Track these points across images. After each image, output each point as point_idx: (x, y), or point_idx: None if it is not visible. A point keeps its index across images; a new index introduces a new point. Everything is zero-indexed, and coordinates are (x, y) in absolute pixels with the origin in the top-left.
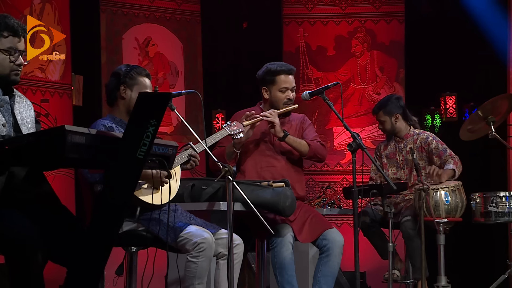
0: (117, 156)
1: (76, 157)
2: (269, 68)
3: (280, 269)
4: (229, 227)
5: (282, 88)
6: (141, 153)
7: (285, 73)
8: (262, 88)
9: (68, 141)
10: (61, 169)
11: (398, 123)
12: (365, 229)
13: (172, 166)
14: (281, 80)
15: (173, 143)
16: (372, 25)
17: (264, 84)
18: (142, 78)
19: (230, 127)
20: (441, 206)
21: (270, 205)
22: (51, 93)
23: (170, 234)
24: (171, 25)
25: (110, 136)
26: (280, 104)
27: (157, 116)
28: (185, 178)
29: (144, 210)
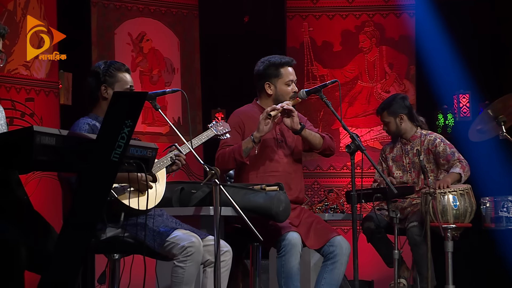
0: (90, 158)
1: (46, 160)
2: (272, 62)
3: (286, 278)
4: (216, 233)
5: (288, 81)
6: (115, 155)
7: (289, 65)
8: (265, 84)
9: (36, 143)
10: (47, 172)
11: (403, 124)
12: (370, 235)
13: (151, 169)
14: (287, 72)
15: (153, 145)
16: (381, 19)
17: (267, 79)
18: (122, 74)
19: (216, 127)
20: (449, 211)
21: (263, 210)
22: (36, 91)
23: (156, 240)
24: (167, 19)
25: (83, 137)
26: (287, 98)
27: (132, 116)
28: (174, 182)
29: (128, 215)
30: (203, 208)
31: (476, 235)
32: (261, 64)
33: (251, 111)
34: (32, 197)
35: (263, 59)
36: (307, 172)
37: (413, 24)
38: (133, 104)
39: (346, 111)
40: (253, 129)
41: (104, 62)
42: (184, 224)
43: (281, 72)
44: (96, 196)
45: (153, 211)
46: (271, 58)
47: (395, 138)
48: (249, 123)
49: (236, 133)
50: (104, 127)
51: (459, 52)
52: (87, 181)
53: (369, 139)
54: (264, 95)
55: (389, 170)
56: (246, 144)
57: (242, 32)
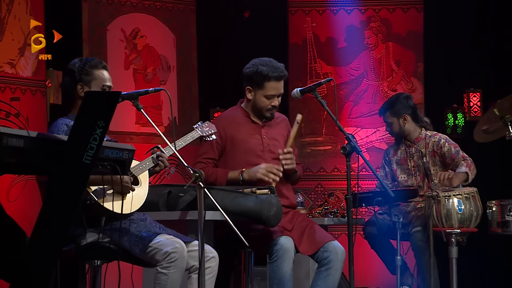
0: (61, 161)
1: (14, 162)
2: (259, 71)
3: (278, 285)
4: (199, 237)
5: (268, 95)
6: (87, 157)
7: (276, 79)
8: (246, 87)
9: (3, 145)
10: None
11: (407, 125)
12: (372, 240)
13: (128, 171)
14: (271, 87)
15: (129, 147)
16: (387, 14)
17: (250, 84)
18: (98, 71)
19: (201, 128)
20: (453, 215)
21: (253, 214)
22: (22, 90)
23: (138, 245)
24: (162, 14)
25: (53, 139)
26: (263, 111)
27: (105, 117)
28: (162, 185)
29: (110, 219)
30: (189, 212)
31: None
32: (250, 66)
33: (234, 115)
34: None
35: (254, 61)
36: (310, 174)
37: (421, 19)
38: (106, 104)
39: (351, 110)
40: (236, 134)
41: (79, 60)
42: (168, 229)
43: (264, 85)
44: (67, 200)
45: (135, 215)
46: (261, 66)
47: (399, 139)
48: (232, 128)
49: (217, 142)
50: (75, 128)
51: (470, 47)
52: (58, 184)
53: (375, 140)
54: (247, 99)
55: (393, 174)
56: (232, 179)
57: (242, 28)
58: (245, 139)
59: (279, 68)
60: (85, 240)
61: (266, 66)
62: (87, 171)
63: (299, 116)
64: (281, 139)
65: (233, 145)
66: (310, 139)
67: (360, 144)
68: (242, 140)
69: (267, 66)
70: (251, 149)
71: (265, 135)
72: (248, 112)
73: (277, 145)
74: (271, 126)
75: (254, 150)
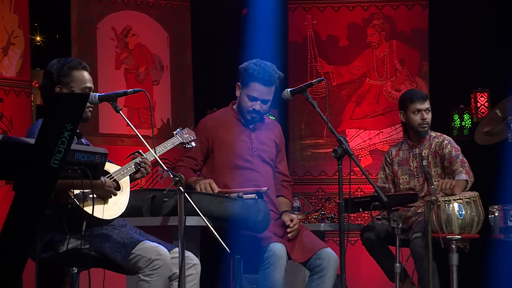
0: (28, 165)
1: None
2: (248, 68)
3: None
4: (180, 244)
5: (250, 96)
6: (55, 161)
7: (260, 81)
8: (237, 84)
9: None
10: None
11: None
12: (370, 247)
13: (100, 175)
14: (253, 88)
15: (102, 150)
16: (391, 11)
17: (239, 81)
18: (78, 72)
19: (181, 134)
20: (454, 221)
21: (240, 219)
22: (5, 91)
23: (120, 252)
24: (155, 12)
25: (20, 143)
26: (244, 112)
27: (73, 119)
28: (146, 189)
29: (91, 225)
30: (173, 218)
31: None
32: (246, 63)
33: (223, 116)
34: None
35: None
36: (310, 178)
37: (426, 16)
38: (74, 106)
39: (353, 111)
40: (225, 136)
41: (58, 61)
42: (149, 235)
43: (249, 84)
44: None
45: (115, 221)
46: (252, 65)
47: (424, 134)
48: (220, 130)
49: (199, 144)
50: (42, 131)
51: (477, 46)
52: (25, 189)
53: (378, 142)
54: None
55: (394, 175)
56: (191, 184)
57: (239, 25)
58: (233, 142)
59: (269, 73)
60: (65, 246)
61: (257, 66)
62: (55, 175)
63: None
64: (270, 144)
65: (220, 147)
66: (311, 141)
67: (362, 147)
68: (230, 142)
69: (258, 67)
70: (240, 152)
71: (254, 139)
72: (239, 114)
73: (266, 150)
74: (261, 129)
75: (242, 154)
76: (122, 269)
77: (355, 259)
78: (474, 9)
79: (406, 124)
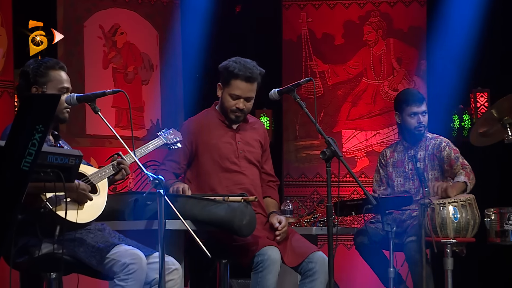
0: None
1: None
2: (228, 66)
3: None
4: (160, 248)
5: (233, 94)
6: (26, 164)
7: (242, 79)
8: (218, 84)
9: None
10: None
11: None
12: (364, 251)
13: (74, 178)
14: (235, 86)
15: (76, 152)
16: (388, 8)
17: (220, 80)
18: (55, 72)
19: (166, 135)
20: (448, 224)
21: (224, 223)
22: None
23: (95, 256)
24: (144, 9)
25: None
26: (228, 111)
27: (44, 121)
28: (128, 192)
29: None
30: (154, 222)
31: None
32: (225, 62)
33: (206, 119)
34: None
35: (232, 58)
36: (305, 180)
37: (424, 13)
38: (45, 107)
39: (349, 111)
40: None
41: (34, 60)
42: (129, 239)
43: (230, 83)
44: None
45: (92, 225)
46: (232, 63)
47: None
48: (204, 132)
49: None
50: (12, 133)
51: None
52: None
53: (375, 143)
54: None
55: (388, 177)
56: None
57: (232, 23)
58: (218, 145)
59: (250, 69)
60: (39, 251)
61: (238, 64)
62: (25, 178)
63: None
64: (255, 145)
65: (205, 150)
66: (306, 143)
67: (359, 148)
68: (215, 145)
69: (238, 64)
70: (226, 155)
71: (239, 141)
72: (222, 115)
73: (252, 151)
74: (246, 130)
75: (228, 156)
76: (98, 274)
77: (351, 263)
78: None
79: (401, 126)
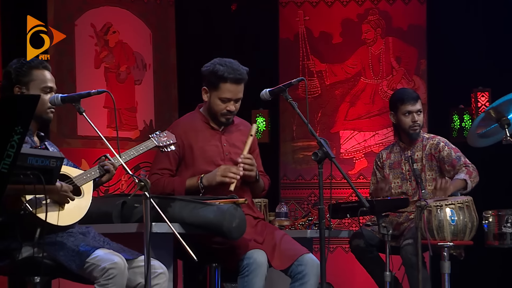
0: None
1: None
2: (215, 70)
3: None
4: (145, 252)
5: (223, 98)
6: (4, 166)
7: (232, 81)
8: (203, 88)
9: None
10: None
11: None
12: (360, 254)
13: (55, 180)
14: (225, 89)
15: (58, 154)
16: (387, 6)
17: (206, 84)
18: (38, 71)
19: (158, 137)
20: (445, 227)
21: (213, 226)
22: None
23: (75, 260)
24: (137, 8)
25: None
26: (218, 115)
27: (23, 122)
28: (116, 195)
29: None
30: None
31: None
32: (209, 65)
33: (191, 122)
34: None
35: (214, 60)
36: (302, 182)
37: (424, 11)
38: (23, 108)
39: (347, 112)
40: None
41: (18, 60)
42: (114, 243)
43: (219, 87)
44: None
45: (76, 228)
46: (219, 66)
47: (415, 136)
48: (190, 136)
49: (173, 152)
50: None
51: (478, 43)
52: None
53: (373, 144)
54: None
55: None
56: (191, 186)
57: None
58: (204, 148)
59: (238, 70)
60: (20, 255)
61: (224, 66)
62: (4, 180)
63: (253, 127)
64: (241, 146)
65: (191, 154)
66: (303, 144)
67: (357, 149)
68: (201, 148)
69: (225, 66)
70: (211, 158)
71: (225, 143)
72: (207, 118)
73: (238, 153)
74: (232, 132)
75: (214, 159)
76: (80, 278)
77: (350, 266)
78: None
79: (397, 126)
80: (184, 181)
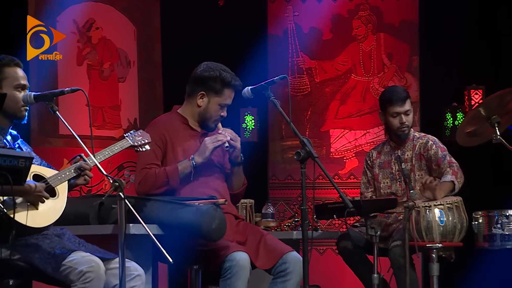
0: None
1: None
2: (222, 76)
3: None
4: (120, 254)
5: (224, 104)
6: None
7: (234, 88)
8: (199, 93)
9: None
10: None
11: None
12: (347, 256)
13: (24, 180)
14: (227, 95)
15: (27, 154)
16: (378, 1)
17: (205, 89)
18: (10, 69)
19: (133, 137)
20: (434, 228)
21: (192, 227)
22: None
23: (50, 263)
24: (121, 3)
25: None
26: (211, 121)
27: None
28: (93, 195)
29: (20, 234)
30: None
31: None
32: (209, 69)
33: (171, 122)
34: None
35: (212, 65)
36: (292, 182)
37: (416, 7)
38: None
39: (337, 110)
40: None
41: None
42: (90, 244)
43: (223, 92)
44: None
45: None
46: (223, 72)
47: (404, 137)
48: (172, 135)
49: (157, 148)
50: None
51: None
52: None
53: (364, 143)
54: (191, 104)
55: (375, 179)
56: (184, 169)
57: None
58: (185, 149)
59: (237, 77)
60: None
61: (228, 73)
62: None
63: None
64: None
65: (173, 152)
66: (292, 143)
67: (348, 148)
68: (181, 149)
69: (228, 73)
70: None
71: None
72: (186, 118)
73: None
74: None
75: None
76: (55, 282)
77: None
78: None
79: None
80: (176, 168)
